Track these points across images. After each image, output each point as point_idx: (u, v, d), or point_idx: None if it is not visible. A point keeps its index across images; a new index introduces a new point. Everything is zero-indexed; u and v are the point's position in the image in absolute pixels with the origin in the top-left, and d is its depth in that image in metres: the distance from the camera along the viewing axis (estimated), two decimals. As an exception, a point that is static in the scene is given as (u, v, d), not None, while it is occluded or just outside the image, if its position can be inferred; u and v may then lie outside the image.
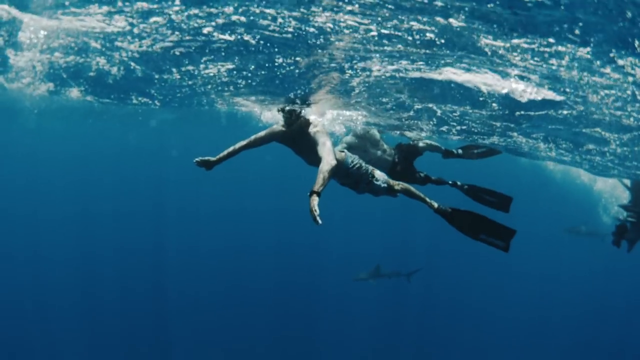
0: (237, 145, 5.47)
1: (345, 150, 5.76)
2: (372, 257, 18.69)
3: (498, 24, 4.13)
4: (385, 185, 5.66)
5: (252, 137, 5.51)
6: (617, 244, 8.93)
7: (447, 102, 6.42)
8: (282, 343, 18.70)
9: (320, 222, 4.31)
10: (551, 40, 4.30)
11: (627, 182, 10.18)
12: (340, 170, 5.40)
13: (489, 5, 3.74)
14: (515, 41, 4.46)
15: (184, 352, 18.33)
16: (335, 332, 19.70)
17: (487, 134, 7.93)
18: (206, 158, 5.36)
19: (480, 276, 24.91)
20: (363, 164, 5.62)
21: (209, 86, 6.58)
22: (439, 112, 7.00)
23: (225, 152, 5.42)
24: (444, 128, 7.82)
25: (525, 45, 4.52)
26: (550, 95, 5.83)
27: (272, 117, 7.22)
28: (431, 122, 7.64)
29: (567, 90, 5.62)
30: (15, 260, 23.63)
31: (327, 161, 4.84)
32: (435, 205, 5.63)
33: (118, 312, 19.60)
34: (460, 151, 7.53)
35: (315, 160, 5.38)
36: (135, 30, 4.87)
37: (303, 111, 5.51)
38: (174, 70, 5.71)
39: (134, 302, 20.58)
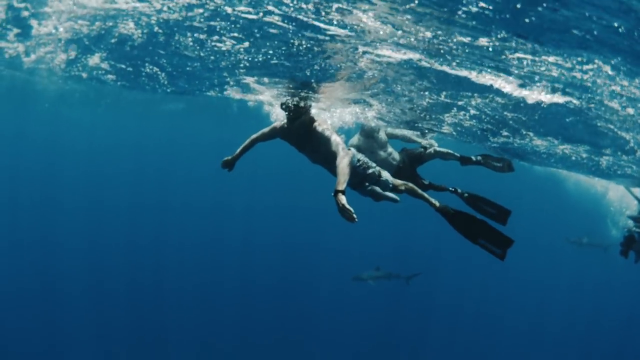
0: (248, 141, 5.56)
1: (352, 149, 5.73)
2: (372, 257, 18.68)
3: (532, 42, 4.24)
4: (391, 184, 5.69)
5: (260, 132, 5.58)
6: (625, 255, 8.85)
7: (463, 90, 6.46)
8: (281, 341, 18.68)
9: (356, 219, 4.28)
10: (580, 59, 4.46)
11: (637, 192, 10.19)
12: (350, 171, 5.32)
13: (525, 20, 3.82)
14: (546, 57, 4.59)
15: (182, 349, 18.25)
16: (333, 331, 19.66)
17: (497, 124, 7.90)
18: (225, 158, 5.46)
19: (481, 282, 24.87)
20: (370, 164, 5.61)
21: (223, 62, 6.58)
22: (459, 103, 7.02)
23: (240, 148, 5.51)
24: (456, 112, 7.76)
25: (552, 60, 4.64)
26: (566, 98, 5.94)
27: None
28: (450, 112, 7.60)
29: (586, 96, 5.71)
30: (27, 249, 23.49)
31: (343, 157, 4.82)
32: (437, 204, 5.66)
33: (119, 306, 19.55)
34: (479, 158, 7.25)
35: (319, 158, 5.37)
36: (165, 9, 4.94)
37: (307, 104, 5.38)
38: (189, 34, 5.72)
39: (134, 294, 20.45)
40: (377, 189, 5.92)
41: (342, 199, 4.40)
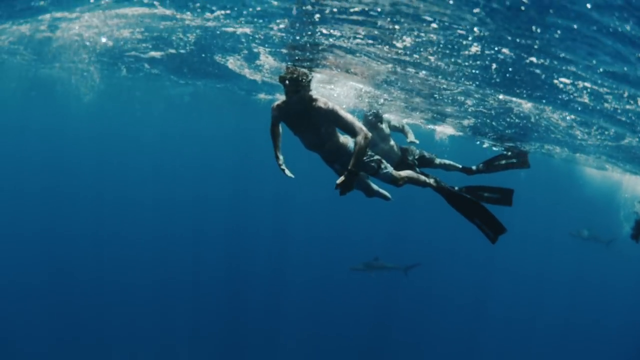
0: (271, 134, 5.42)
1: (348, 137, 5.46)
2: (371, 248, 18.56)
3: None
4: (391, 177, 5.48)
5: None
6: (636, 239, 9.17)
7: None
8: (276, 335, 18.60)
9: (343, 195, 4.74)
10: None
11: None
12: (345, 156, 5.19)
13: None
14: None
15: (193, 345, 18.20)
16: (330, 323, 19.56)
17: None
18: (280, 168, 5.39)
19: (482, 274, 24.80)
20: (371, 153, 5.37)
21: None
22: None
23: (274, 146, 5.40)
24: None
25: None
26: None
27: None
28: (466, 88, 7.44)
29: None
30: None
31: (365, 136, 4.75)
32: (435, 184, 5.77)
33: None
34: (481, 166, 7.36)
35: (318, 142, 5.12)
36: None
37: (308, 77, 5.02)
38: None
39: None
40: (373, 185, 5.82)
41: (353, 178, 4.65)
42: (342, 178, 4.65)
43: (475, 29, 4.20)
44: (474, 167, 7.33)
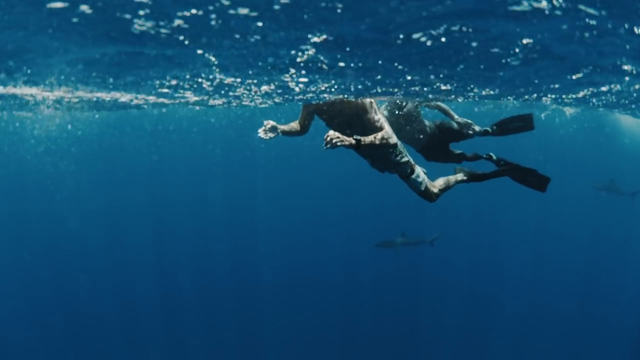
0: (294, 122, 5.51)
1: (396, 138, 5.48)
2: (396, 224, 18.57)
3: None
4: (424, 186, 5.63)
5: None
6: None
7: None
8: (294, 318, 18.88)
9: (325, 144, 4.29)
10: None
11: None
12: (380, 155, 5.28)
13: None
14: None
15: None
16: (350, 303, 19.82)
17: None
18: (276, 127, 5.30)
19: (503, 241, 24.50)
20: (405, 156, 5.44)
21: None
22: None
23: (286, 125, 5.38)
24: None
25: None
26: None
27: None
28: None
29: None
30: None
31: (388, 136, 4.85)
32: (466, 177, 6.08)
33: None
34: (495, 128, 7.12)
35: (347, 132, 5.02)
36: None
37: None
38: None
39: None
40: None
41: (348, 140, 4.39)
42: (343, 137, 4.35)
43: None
44: (489, 130, 7.13)
